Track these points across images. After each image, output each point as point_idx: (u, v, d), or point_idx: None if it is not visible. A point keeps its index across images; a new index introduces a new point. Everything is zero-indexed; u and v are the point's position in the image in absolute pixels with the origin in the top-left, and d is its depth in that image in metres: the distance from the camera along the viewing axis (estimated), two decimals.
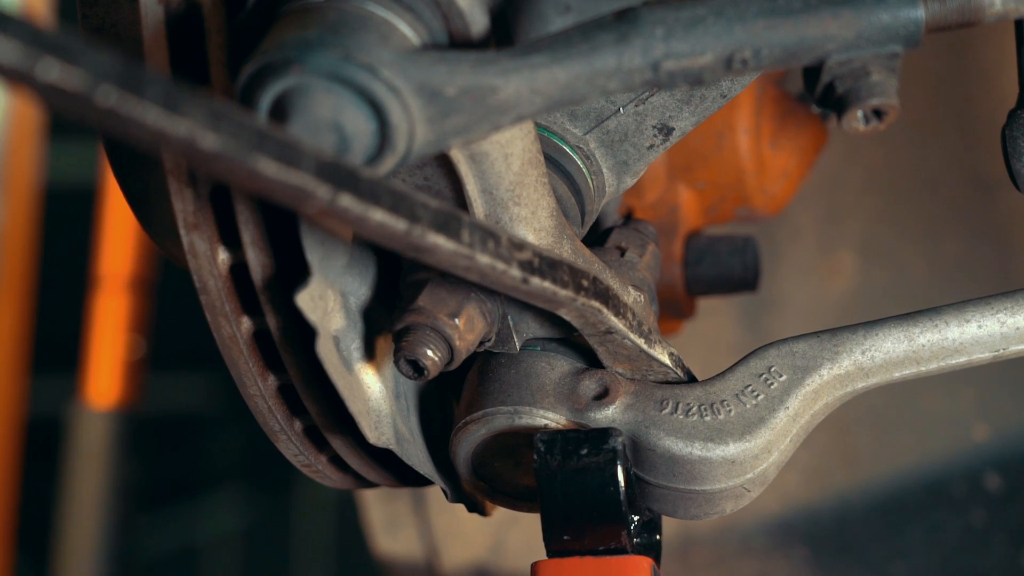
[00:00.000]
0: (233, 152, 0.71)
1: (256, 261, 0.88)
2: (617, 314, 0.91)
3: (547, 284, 0.85)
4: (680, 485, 0.91)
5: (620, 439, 0.89)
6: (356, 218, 0.76)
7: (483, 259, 0.82)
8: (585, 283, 0.88)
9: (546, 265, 0.85)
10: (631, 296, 0.96)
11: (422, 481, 0.98)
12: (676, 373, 0.94)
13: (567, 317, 0.89)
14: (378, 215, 0.77)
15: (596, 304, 0.89)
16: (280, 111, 0.79)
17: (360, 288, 0.92)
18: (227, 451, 2.65)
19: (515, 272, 0.84)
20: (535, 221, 0.90)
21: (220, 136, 0.70)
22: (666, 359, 0.94)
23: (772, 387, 0.92)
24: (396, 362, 0.88)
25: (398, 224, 0.78)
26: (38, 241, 2.16)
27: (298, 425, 0.96)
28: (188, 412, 2.64)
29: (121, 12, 0.95)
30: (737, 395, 0.92)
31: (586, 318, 0.89)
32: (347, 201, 0.75)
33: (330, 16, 0.80)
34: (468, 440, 0.93)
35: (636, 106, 0.98)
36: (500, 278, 0.84)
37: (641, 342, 0.92)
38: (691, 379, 0.95)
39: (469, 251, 0.81)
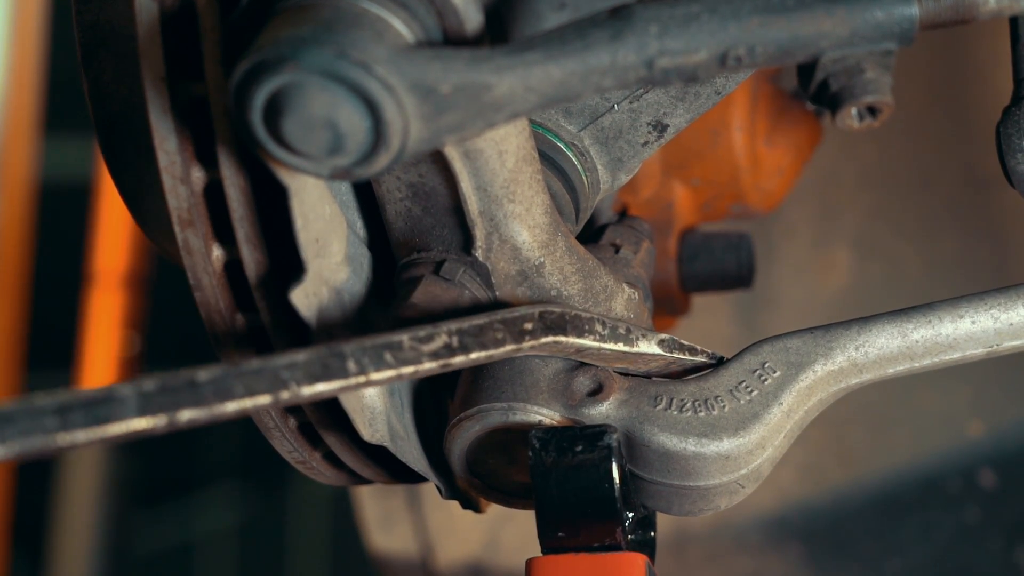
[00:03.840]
0: (37, 446, 0.72)
1: (250, 258, 0.88)
2: (581, 334, 0.90)
3: (475, 355, 0.86)
4: (675, 481, 0.91)
5: (615, 436, 0.89)
6: (208, 419, 0.78)
7: (382, 375, 0.83)
8: (528, 326, 0.88)
9: (468, 337, 0.86)
10: (625, 293, 0.96)
11: (416, 478, 0.98)
12: (672, 357, 0.94)
13: (527, 355, 0.90)
14: (232, 406, 0.78)
15: (549, 339, 0.89)
16: (274, 108, 0.79)
17: (355, 284, 0.92)
18: (222, 448, 2.65)
19: (430, 365, 0.84)
20: (529, 218, 0.90)
21: (13, 442, 0.72)
22: (655, 349, 0.93)
23: (766, 383, 0.93)
24: None
25: (260, 400, 0.79)
26: (33, 237, 2.16)
27: (292, 422, 0.96)
28: None
29: (115, 9, 0.95)
30: (731, 391, 0.92)
31: (548, 350, 0.90)
32: (189, 414, 0.76)
33: (325, 13, 0.80)
34: (462, 437, 0.93)
35: (631, 103, 0.98)
36: (414, 377, 0.84)
37: (620, 346, 0.92)
38: (695, 354, 0.94)
39: (361, 378, 0.82)
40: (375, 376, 0.83)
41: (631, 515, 0.91)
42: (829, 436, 1.66)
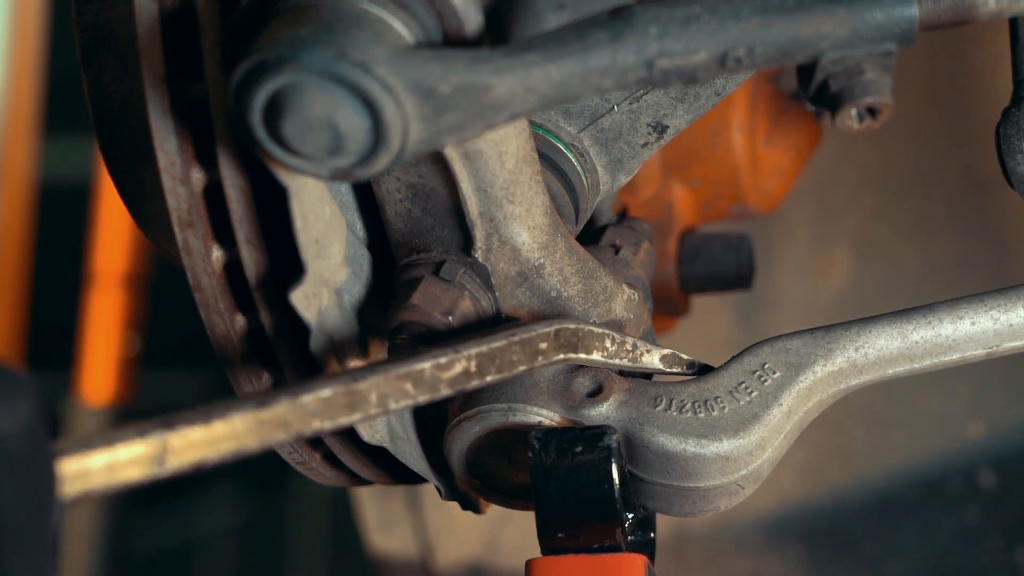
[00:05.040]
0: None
1: (250, 259, 0.88)
2: (590, 351, 0.91)
3: (491, 377, 0.87)
4: (674, 482, 0.91)
5: (615, 437, 0.89)
6: (235, 457, 0.80)
7: (401, 403, 0.84)
8: (543, 346, 0.89)
9: (486, 361, 0.86)
10: (624, 294, 0.96)
11: (416, 479, 0.98)
12: (671, 372, 0.94)
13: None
14: (256, 445, 0.80)
15: (561, 356, 0.90)
16: (274, 109, 0.79)
17: (354, 285, 0.92)
18: None
19: (446, 391, 0.85)
20: (529, 219, 0.90)
21: None
22: (658, 363, 0.94)
23: (766, 384, 0.92)
24: None
25: (283, 437, 0.81)
26: (33, 237, 2.16)
27: None
28: (182, 409, 2.64)
29: (115, 9, 0.95)
30: (731, 392, 0.92)
31: (558, 366, 0.90)
32: (216, 457, 0.80)
33: (324, 14, 0.80)
34: (462, 438, 0.93)
35: (630, 104, 0.98)
36: (433, 401, 0.85)
37: (626, 363, 0.92)
38: (692, 368, 0.94)
39: (381, 409, 0.83)
40: (394, 406, 0.84)
41: (631, 516, 0.91)
42: (828, 437, 1.66)
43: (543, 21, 0.90)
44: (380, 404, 0.83)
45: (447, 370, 0.85)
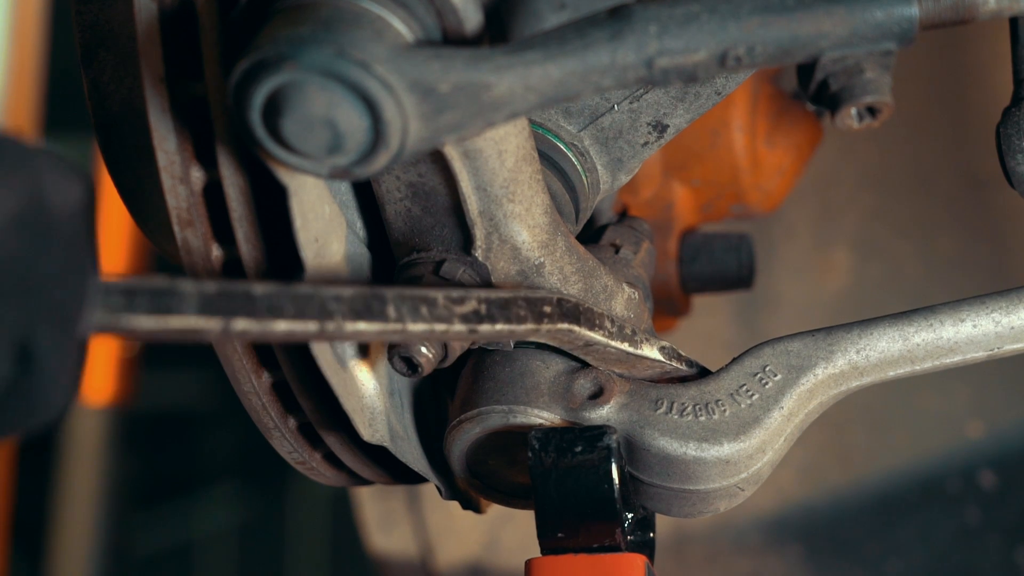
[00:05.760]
0: (108, 322, 0.72)
1: (250, 257, 0.88)
2: (592, 327, 0.90)
3: (500, 327, 0.86)
4: (674, 485, 0.91)
5: (614, 437, 0.89)
6: (259, 334, 0.77)
7: (417, 327, 0.82)
8: (547, 309, 0.88)
9: (496, 308, 0.86)
10: (625, 293, 0.96)
11: (416, 478, 0.98)
12: (671, 365, 0.94)
13: (541, 340, 0.90)
14: (282, 326, 0.77)
15: (564, 326, 0.89)
16: (273, 108, 0.79)
17: None
18: (221, 448, 2.65)
19: (459, 327, 0.84)
20: (529, 218, 0.90)
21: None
22: (656, 355, 0.93)
23: (767, 386, 0.92)
24: (390, 359, 0.88)
25: (308, 327, 0.78)
26: None
27: (292, 422, 0.96)
28: (182, 409, 2.64)
29: (115, 9, 0.95)
30: (732, 394, 0.92)
31: (559, 339, 0.90)
32: (243, 324, 0.76)
33: (324, 13, 0.80)
34: (462, 438, 0.93)
35: (630, 103, 0.98)
36: (443, 337, 0.84)
37: (625, 346, 0.92)
38: (691, 367, 0.94)
39: (399, 325, 0.81)
40: (411, 327, 0.82)
41: (630, 516, 0.91)
42: (829, 437, 1.66)
43: (543, 20, 0.89)
44: (398, 318, 0.82)
45: (459, 305, 0.84)
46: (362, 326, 0.80)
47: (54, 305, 0.69)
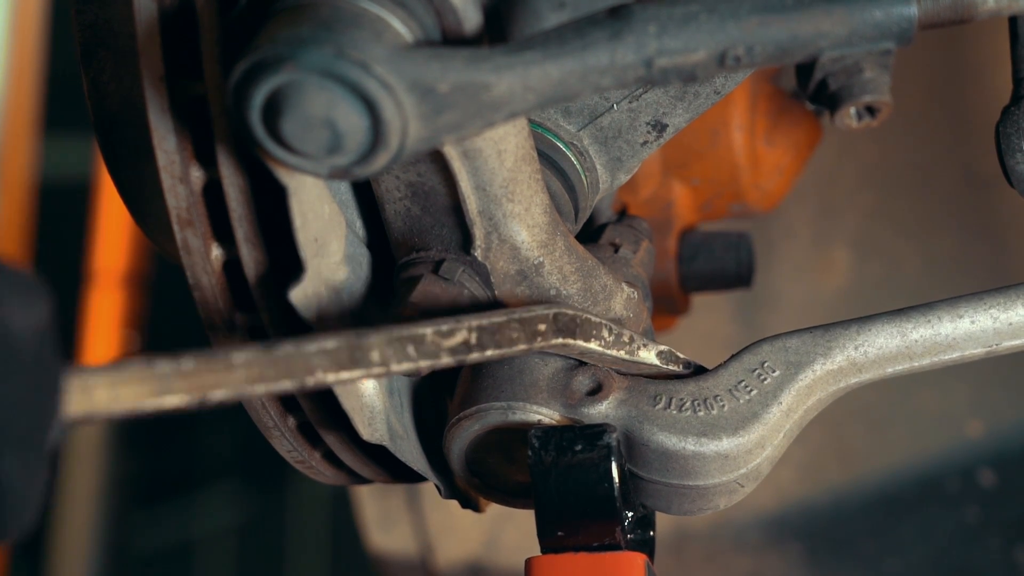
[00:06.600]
0: (85, 413, 0.74)
1: (250, 257, 0.88)
2: (588, 339, 0.91)
3: (491, 352, 0.86)
4: (674, 480, 0.91)
5: (614, 435, 0.89)
6: (237, 399, 0.79)
7: (403, 366, 0.84)
8: (542, 328, 0.88)
9: (487, 335, 0.86)
10: (624, 292, 0.96)
11: (416, 477, 0.98)
12: (668, 370, 0.94)
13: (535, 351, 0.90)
14: (260, 388, 0.79)
15: (559, 341, 0.89)
16: (273, 108, 0.79)
17: (354, 284, 0.92)
18: (221, 447, 2.65)
19: (447, 360, 0.85)
20: (528, 217, 0.90)
21: None
22: (654, 359, 0.94)
23: (765, 382, 0.93)
24: None
25: (286, 384, 0.80)
26: (33, 237, 2.16)
27: (292, 421, 0.96)
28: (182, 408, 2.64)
29: (114, 8, 0.95)
30: (730, 390, 0.92)
31: (554, 350, 0.90)
32: (220, 394, 0.78)
33: (323, 13, 0.80)
34: (462, 436, 0.93)
35: (630, 103, 0.98)
36: (432, 370, 0.85)
37: (622, 354, 0.92)
38: (688, 368, 0.94)
39: (383, 368, 0.83)
40: (395, 368, 0.84)
41: (630, 514, 0.91)
42: (828, 435, 1.66)
43: (542, 20, 0.90)
44: (382, 362, 0.83)
45: (448, 338, 0.85)
46: (345, 375, 0.82)
47: (20, 432, 0.69)
